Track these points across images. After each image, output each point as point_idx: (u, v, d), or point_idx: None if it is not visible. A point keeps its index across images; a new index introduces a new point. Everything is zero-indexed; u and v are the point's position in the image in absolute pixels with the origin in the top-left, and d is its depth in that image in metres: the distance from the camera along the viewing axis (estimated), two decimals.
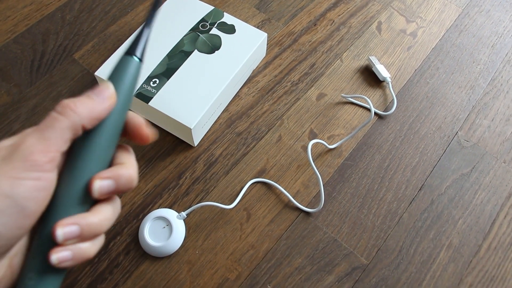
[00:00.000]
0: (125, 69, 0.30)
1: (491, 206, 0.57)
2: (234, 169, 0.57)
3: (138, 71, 0.31)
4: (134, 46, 0.30)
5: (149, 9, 0.32)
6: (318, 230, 0.54)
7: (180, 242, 0.51)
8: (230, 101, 0.62)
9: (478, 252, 0.54)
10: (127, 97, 0.30)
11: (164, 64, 0.59)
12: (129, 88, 0.31)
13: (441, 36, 0.71)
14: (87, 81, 0.63)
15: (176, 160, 0.57)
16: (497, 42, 0.71)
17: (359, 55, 0.68)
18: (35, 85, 0.63)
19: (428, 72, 0.67)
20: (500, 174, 0.59)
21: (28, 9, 0.70)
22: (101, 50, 0.66)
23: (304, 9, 0.72)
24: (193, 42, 0.61)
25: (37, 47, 0.66)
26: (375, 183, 0.57)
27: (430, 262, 0.52)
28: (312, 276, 0.51)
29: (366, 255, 0.53)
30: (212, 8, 0.64)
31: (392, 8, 0.74)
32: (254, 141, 0.59)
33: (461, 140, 0.61)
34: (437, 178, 0.58)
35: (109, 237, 0.52)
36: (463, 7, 0.75)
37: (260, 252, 0.52)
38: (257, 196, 0.56)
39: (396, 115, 0.63)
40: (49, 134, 0.26)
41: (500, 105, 0.65)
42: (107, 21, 0.69)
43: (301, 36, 0.69)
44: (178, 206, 0.54)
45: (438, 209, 0.56)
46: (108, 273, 0.50)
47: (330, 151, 0.59)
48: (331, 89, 0.64)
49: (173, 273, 0.50)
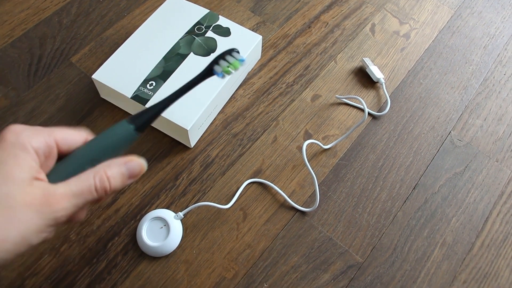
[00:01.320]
0: (120, 134, 0.33)
1: (484, 204, 0.57)
2: (230, 169, 0.58)
3: (130, 138, 0.34)
4: (138, 118, 0.34)
5: (169, 97, 0.35)
6: (313, 229, 0.54)
7: (177, 242, 0.52)
8: (226, 103, 0.63)
9: (471, 249, 0.54)
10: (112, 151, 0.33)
11: (160, 66, 0.59)
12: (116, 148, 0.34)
13: (434, 37, 0.72)
14: (85, 84, 0.64)
15: (173, 162, 0.58)
16: (489, 43, 0.72)
17: (353, 57, 0.69)
18: (33, 88, 0.63)
19: (421, 73, 0.68)
20: (493, 172, 0.60)
21: (25, 13, 0.71)
22: (98, 53, 0.67)
23: (299, 11, 0.73)
24: (189, 45, 0.61)
25: (35, 51, 0.67)
26: (370, 183, 0.58)
27: (424, 260, 0.53)
28: (308, 275, 0.52)
29: (361, 254, 0.53)
30: (208, 11, 0.65)
31: (385, 10, 0.75)
32: (250, 142, 0.60)
33: (454, 139, 0.62)
34: (430, 177, 0.59)
35: (107, 237, 0.52)
36: (455, 8, 0.76)
37: (256, 251, 0.53)
38: (253, 196, 0.56)
39: (390, 116, 0.64)
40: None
41: (493, 105, 0.66)
42: (104, 25, 0.70)
43: (295, 38, 0.70)
44: (175, 206, 0.55)
45: (432, 208, 0.57)
46: (106, 273, 0.50)
47: (325, 151, 0.60)
48: (326, 90, 0.65)
49: (171, 273, 0.51)
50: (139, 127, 0.34)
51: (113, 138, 0.33)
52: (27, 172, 0.28)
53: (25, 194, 0.27)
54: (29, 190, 0.27)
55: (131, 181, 0.33)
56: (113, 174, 0.31)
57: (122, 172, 0.32)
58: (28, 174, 0.28)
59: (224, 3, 0.74)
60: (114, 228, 0.53)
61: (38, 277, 0.50)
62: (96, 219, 0.54)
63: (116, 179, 0.31)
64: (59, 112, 0.61)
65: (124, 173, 0.32)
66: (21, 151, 0.28)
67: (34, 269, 0.50)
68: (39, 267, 0.50)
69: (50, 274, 0.50)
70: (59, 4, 0.72)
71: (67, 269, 0.50)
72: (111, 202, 0.55)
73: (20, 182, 0.27)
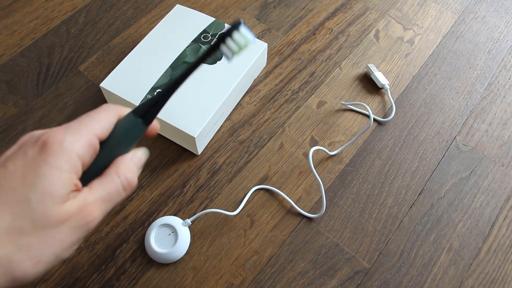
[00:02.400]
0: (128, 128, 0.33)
1: (490, 209, 0.57)
2: (237, 176, 0.58)
3: (138, 132, 0.33)
4: (143, 109, 0.33)
5: (175, 79, 0.34)
6: (320, 235, 0.55)
7: (185, 248, 0.52)
8: (232, 110, 0.64)
9: (478, 254, 0.54)
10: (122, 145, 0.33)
11: (167, 75, 0.60)
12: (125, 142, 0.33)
13: (438, 42, 0.72)
14: (93, 92, 0.65)
15: (180, 169, 0.59)
16: (493, 48, 0.72)
17: (357, 63, 0.69)
18: (42, 97, 0.64)
19: (426, 78, 0.68)
20: (499, 177, 0.60)
21: (34, 23, 0.72)
22: (106, 62, 0.68)
23: (303, 18, 0.74)
24: (195, 53, 0.62)
25: (43, 60, 0.68)
26: (376, 188, 0.58)
27: (431, 265, 0.53)
28: (315, 281, 0.52)
29: (367, 259, 0.54)
30: (213, 20, 0.66)
31: (389, 16, 0.75)
32: (256, 149, 0.61)
33: (459, 144, 0.62)
34: (436, 183, 0.59)
35: (115, 244, 0.53)
36: (459, 14, 0.76)
37: (263, 258, 0.53)
38: (260, 202, 0.57)
39: (395, 121, 0.64)
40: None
41: (497, 110, 0.66)
42: (111, 34, 0.71)
43: (300, 45, 0.71)
44: (183, 213, 0.55)
45: (438, 213, 0.57)
46: (115, 280, 0.51)
47: (331, 158, 0.60)
48: (331, 97, 0.66)
49: (179, 279, 0.51)
50: (143, 116, 0.32)
51: (121, 133, 0.32)
52: (68, 187, 0.26)
53: (61, 211, 0.26)
54: (65, 205, 0.26)
55: (139, 171, 0.33)
56: (131, 168, 0.31)
57: (136, 164, 0.32)
58: (67, 189, 0.26)
59: (230, 11, 0.74)
60: (123, 235, 0.54)
61: (48, 284, 0.50)
62: (105, 226, 0.54)
63: (135, 173, 0.31)
64: (68, 120, 0.62)
65: (137, 165, 0.32)
66: (66, 163, 0.27)
67: (44, 276, 0.51)
68: (48, 274, 0.51)
69: (59, 281, 0.51)
70: (67, 14, 0.73)
71: (76, 276, 0.51)
72: (119, 209, 0.55)
73: (59, 199, 0.26)
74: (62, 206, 0.26)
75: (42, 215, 0.25)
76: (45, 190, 0.26)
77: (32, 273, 0.25)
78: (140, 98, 0.58)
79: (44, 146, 0.27)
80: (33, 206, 0.25)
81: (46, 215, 0.25)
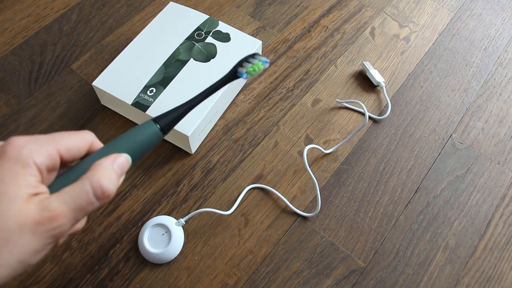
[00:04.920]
0: (146, 133, 0.33)
1: (486, 207, 0.57)
2: (232, 175, 0.58)
3: (156, 138, 0.33)
4: (163, 119, 0.33)
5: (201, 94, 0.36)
6: (315, 234, 0.54)
7: (179, 248, 0.52)
8: (226, 108, 0.63)
9: (474, 252, 0.54)
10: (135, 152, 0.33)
11: (160, 73, 0.59)
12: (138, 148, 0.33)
13: (433, 40, 0.72)
14: (85, 91, 0.64)
15: (174, 168, 0.58)
16: (489, 45, 0.72)
17: (353, 61, 0.69)
18: (34, 95, 0.64)
19: (422, 76, 0.68)
20: (495, 175, 0.60)
21: (25, 21, 0.71)
22: (99, 60, 0.67)
23: (298, 16, 0.73)
24: (189, 50, 0.62)
25: (35, 58, 0.67)
26: (371, 187, 0.58)
27: (427, 264, 0.53)
28: (310, 280, 0.51)
29: (363, 258, 0.53)
30: (207, 17, 0.65)
31: (385, 13, 0.75)
32: (250, 148, 0.60)
33: (455, 142, 0.62)
34: (432, 181, 0.59)
35: (109, 244, 0.52)
36: (455, 11, 0.76)
37: (258, 257, 0.53)
38: (255, 201, 0.56)
39: (390, 119, 0.63)
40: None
41: (493, 107, 0.65)
42: (104, 32, 0.70)
43: (295, 43, 0.70)
44: (176, 213, 0.55)
45: (434, 211, 0.57)
46: (108, 280, 0.50)
47: (326, 156, 0.60)
48: (326, 95, 0.65)
49: (173, 280, 0.51)
50: (164, 128, 0.33)
51: (141, 138, 0.32)
52: (24, 189, 0.26)
53: (19, 214, 0.25)
54: (24, 208, 0.26)
55: (122, 179, 0.31)
56: (109, 175, 0.29)
57: (115, 171, 0.30)
58: (25, 191, 0.26)
59: (224, 8, 0.74)
60: (116, 235, 0.53)
61: (40, 285, 0.50)
62: (98, 227, 0.53)
63: (113, 181, 0.29)
64: (60, 119, 0.61)
65: (117, 172, 0.30)
66: (22, 167, 0.26)
67: (36, 277, 0.50)
68: (41, 275, 0.50)
69: (52, 282, 0.50)
70: (60, 11, 0.72)
71: (69, 276, 0.50)
72: (112, 209, 0.55)
73: (16, 201, 0.25)
74: (21, 207, 0.25)
75: (1, 218, 0.25)
76: (3, 192, 0.25)
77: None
78: (133, 96, 0.57)
79: (3, 151, 0.27)
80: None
81: (5, 218, 0.25)
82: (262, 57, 0.35)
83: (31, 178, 0.27)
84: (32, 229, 0.25)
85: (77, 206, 0.27)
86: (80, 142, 0.30)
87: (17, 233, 0.25)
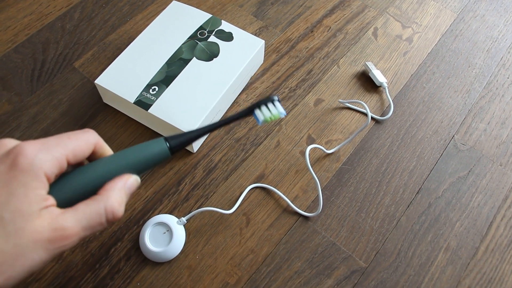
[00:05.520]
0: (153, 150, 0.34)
1: (488, 208, 0.57)
2: (233, 174, 0.58)
3: (164, 157, 0.35)
4: (175, 139, 0.35)
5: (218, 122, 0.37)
6: (317, 234, 0.54)
7: (180, 247, 0.52)
8: (228, 108, 0.63)
9: (475, 254, 0.54)
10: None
11: (163, 71, 0.59)
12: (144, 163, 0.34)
13: (436, 41, 0.72)
14: (88, 89, 0.64)
15: (176, 167, 0.58)
16: (492, 47, 0.72)
17: (355, 61, 0.69)
18: (36, 93, 0.64)
19: (424, 76, 0.68)
20: (497, 176, 0.59)
21: (28, 19, 0.71)
22: (101, 58, 0.67)
23: (301, 16, 0.73)
24: (191, 49, 0.62)
25: (38, 56, 0.67)
26: (373, 187, 0.58)
27: (428, 265, 0.53)
28: (311, 280, 0.51)
29: (364, 259, 0.53)
30: (210, 16, 0.65)
31: (388, 14, 0.75)
32: (252, 147, 0.60)
33: (457, 143, 0.62)
34: (434, 182, 0.59)
35: (110, 243, 0.52)
36: (458, 12, 0.76)
37: (259, 257, 0.53)
38: (256, 201, 0.56)
39: (393, 120, 0.63)
40: None
41: (496, 109, 0.65)
42: (107, 30, 0.70)
43: (298, 43, 0.70)
44: (178, 211, 0.55)
45: (435, 212, 0.56)
46: (109, 279, 0.50)
47: (328, 156, 0.60)
48: (329, 95, 0.65)
49: (174, 278, 0.51)
50: (173, 148, 0.34)
51: (149, 154, 0.33)
52: (35, 204, 0.27)
53: (34, 231, 0.26)
54: (38, 225, 0.26)
55: (128, 199, 0.33)
56: (120, 199, 0.31)
57: (126, 194, 0.31)
58: (36, 206, 0.27)
59: (227, 7, 0.74)
60: (117, 234, 0.53)
61: (41, 283, 0.50)
62: None
63: (122, 205, 0.31)
64: (62, 117, 0.61)
65: (127, 194, 0.32)
66: (33, 180, 0.27)
67: (37, 275, 0.50)
68: (41, 273, 0.50)
69: (53, 280, 0.50)
70: (62, 10, 0.72)
71: (70, 274, 0.50)
72: None
73: (30, 218, 0.26)
74: (34, 223, 0.26)
75: (15, 233, 0.26)
76: (16, 208, 0.26)
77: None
78: (135, 95, 0.57)
79: (15, 162, 0.27)
80: (6, 224, 0.26)
81: (19, 234, 0.26)
82: (282, 108, 0.37)
83: (42, 192, 0.27)
84: (44, 246, 0.26)
85: (89, 226, 0.28)
86: (85, 146, 0.31)
87: (30, 248, 0.26)
